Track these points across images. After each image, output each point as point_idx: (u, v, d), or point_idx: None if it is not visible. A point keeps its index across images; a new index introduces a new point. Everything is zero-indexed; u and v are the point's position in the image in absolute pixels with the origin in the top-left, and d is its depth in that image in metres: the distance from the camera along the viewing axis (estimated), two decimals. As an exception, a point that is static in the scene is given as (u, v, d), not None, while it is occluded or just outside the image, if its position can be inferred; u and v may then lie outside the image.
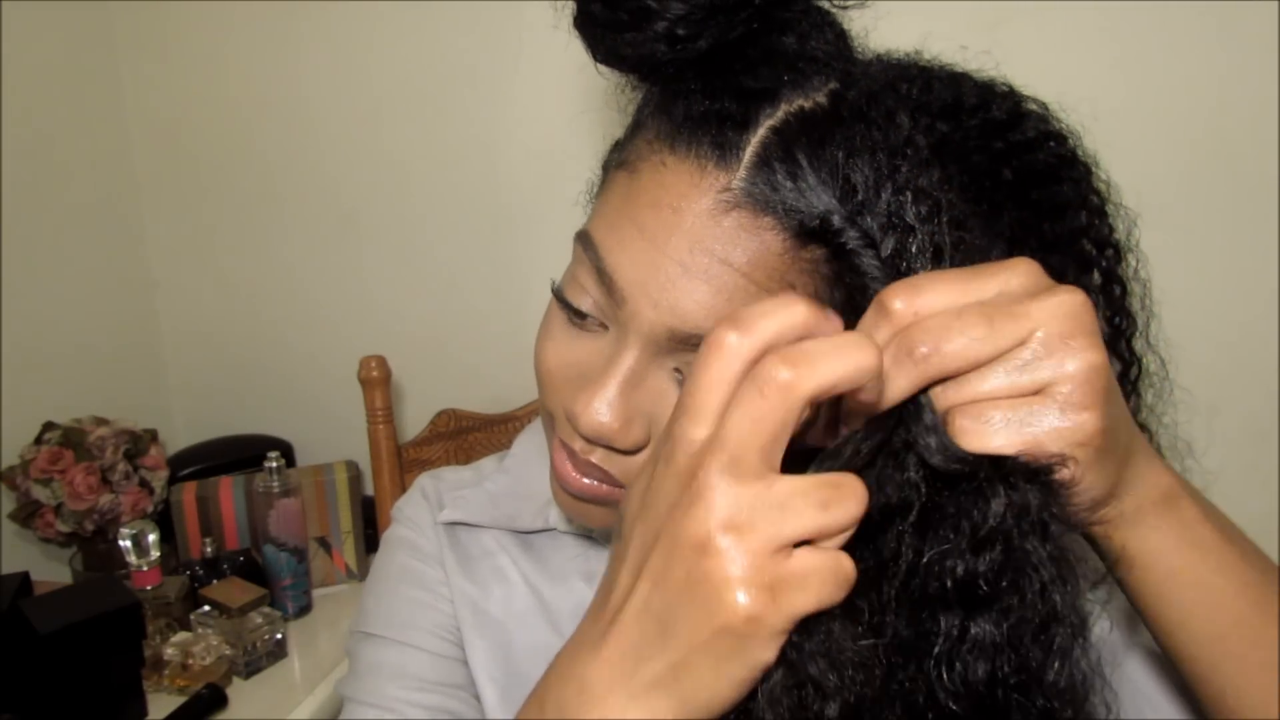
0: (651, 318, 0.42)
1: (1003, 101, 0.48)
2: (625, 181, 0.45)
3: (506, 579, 0.63)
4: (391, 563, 0.66)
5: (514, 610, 0.62)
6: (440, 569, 0.64)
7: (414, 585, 0.63)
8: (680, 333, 0.42)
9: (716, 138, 0.41)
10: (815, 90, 0.42)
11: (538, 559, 0.63)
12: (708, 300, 0.41)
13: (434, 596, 0.63)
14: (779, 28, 0.41)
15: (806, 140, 0.40)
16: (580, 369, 0.46)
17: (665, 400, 0.45)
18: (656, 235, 0.42)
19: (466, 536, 0.65)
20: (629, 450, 0.46)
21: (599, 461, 0.46)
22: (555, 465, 0.49)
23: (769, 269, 0.41)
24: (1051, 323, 0.34)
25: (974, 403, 0.34)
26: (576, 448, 0.47)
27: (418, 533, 0.66)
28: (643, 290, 0.42)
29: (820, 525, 0.30)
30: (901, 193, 0.40)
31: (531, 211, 1.26)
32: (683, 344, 0.43)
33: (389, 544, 0.67)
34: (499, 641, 0.61)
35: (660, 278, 0.42)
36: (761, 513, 0.30)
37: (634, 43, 0.40)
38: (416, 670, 0.60)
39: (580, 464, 0.47)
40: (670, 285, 0.42)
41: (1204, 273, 1.02)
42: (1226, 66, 0.98)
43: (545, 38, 1.09)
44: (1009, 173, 0.46)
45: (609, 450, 0.46)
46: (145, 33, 1.39)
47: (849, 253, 0.39)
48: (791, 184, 0.40)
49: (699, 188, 0.41)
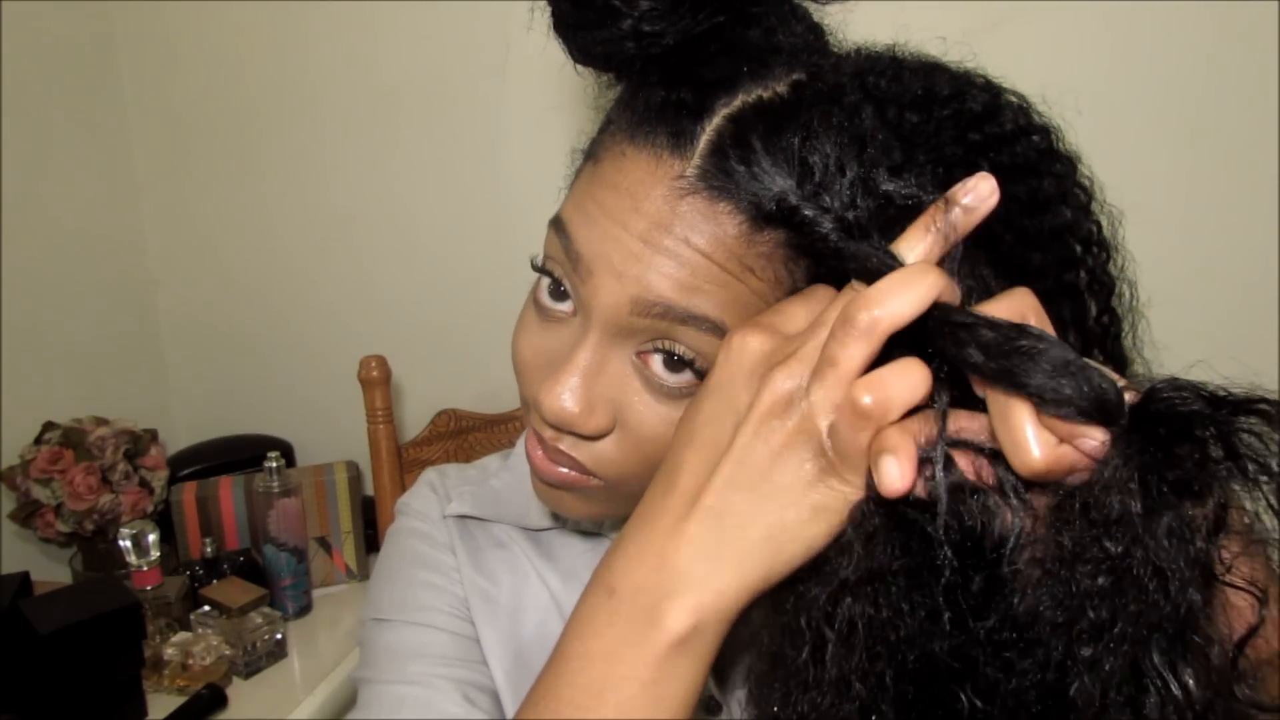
0: (615, 289, 0.43)
1: (979, 93, 0.47)
2: (589, 170, 0.46)
3: (517, 569, 0.63)
4: (402, 550, 0.65)
5: (524, 602, 0.62)
6: (452, 555, 0.64)
7: (427, 569, 0.63)
8: (644, 301, 0.43)
9: (672, 126, 0.42)
10: (776, 81, 0.42)
11: (547, 554, 0.63)
12: (672, 272, 0.42)
13: (447, 579, 0.63)
14: (745, 21, 0.42)
15: (763, 127, 0.41)
16: (549, 358, 0.47)
17: (628, 385, 0.45)
18: (617, 214, 0.43)
19: (476, 529, 0.65)
20: (592, 436, 0.46)
21: (567, 449, 0.47)
22: (529, 453, 0.50)
23: (728, 251, 0.42)
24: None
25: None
26: (546, 436, 0.48)
27: (427, 524, 0.65)
28: (606, 263, 0.43)
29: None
30: (862, 177, 0.41)
31: (532, 211, 1.26)
32: (644, 316, 0.43)
33: (396, 535, 0.67)
34: (509, 633, 0.61)
35: (622, 251, 0.43)
36: (828, 364, 0.35)
37: (603, 40, 0.41)
38: (437, 649, 0.60)
39: (550, 451, 0.48)
40: (633, 259, 0.42)
41: (1200, 274, 1.02)
42: (1226, 65, 0.98)
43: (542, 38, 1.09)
44: (986, 165, 0.45)
45: (575, 438, 0.47)
46: (145, 33, 1.39)
47: (807, 228, 0.40)
48: (745, 169, 0.41)
49: (654, 175, 0.42)
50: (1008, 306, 0.35)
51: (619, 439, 0.46)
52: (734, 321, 0.43)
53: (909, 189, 0.42)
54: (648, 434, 0.46)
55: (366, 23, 1.28)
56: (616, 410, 0.46)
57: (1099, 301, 0.51)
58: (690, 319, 0.42)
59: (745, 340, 0.39)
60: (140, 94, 1.42)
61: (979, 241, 0.44)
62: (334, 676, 1.08)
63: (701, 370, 0.44)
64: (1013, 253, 0.47)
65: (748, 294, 0.43)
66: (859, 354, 0.35)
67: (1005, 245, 0.46)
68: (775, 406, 0.37)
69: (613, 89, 0.49)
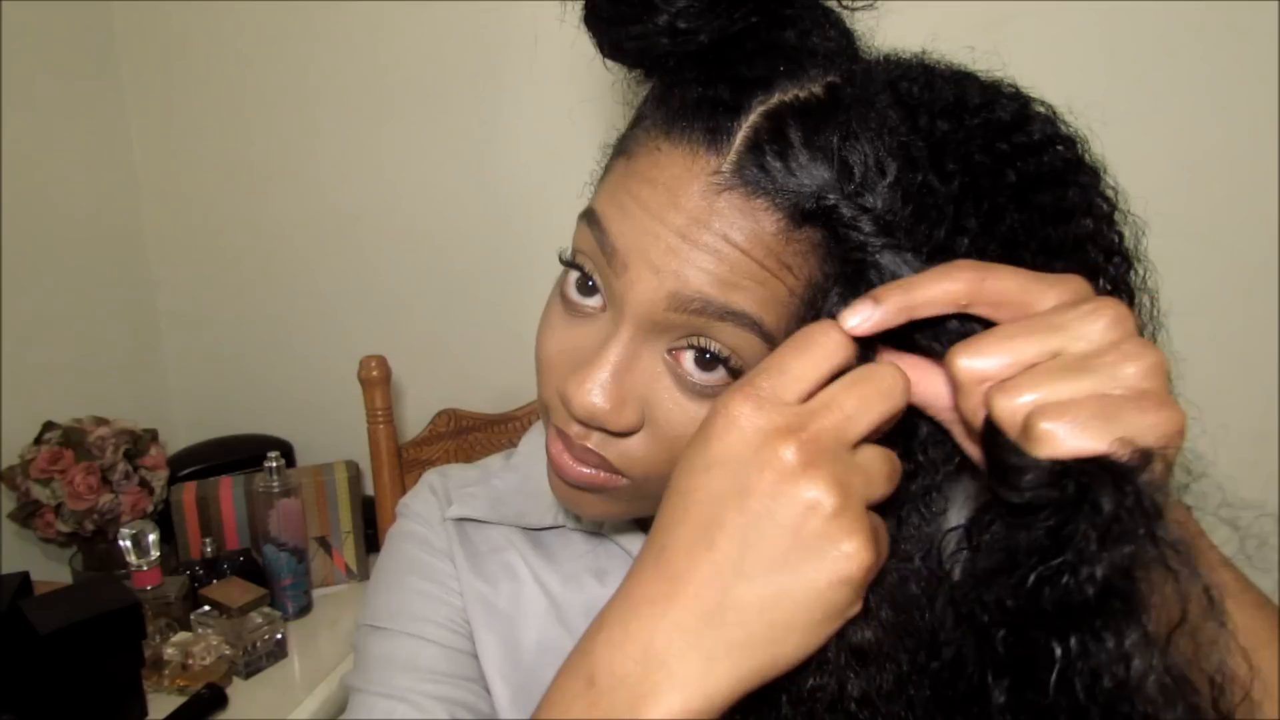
0: (652, 284, 0.43)
1: (1009, 103, 0.48)
2: (623, 165, 0.46)
3: (516, 575, 0.62)
4: (400, 556, 0.65)
5: (523, 607, 0.61)
6: (450, 563, 0.63)
7: (423, 578, 0.63)
8: (681, 297, 0.42)
9: (708, 123, 0.42)
10: (812, 82, 0.42)
11: (547, 556, 0.63)
12: (710, 267, 0.42)
13: (444, 590, 0.62)
14: (780, 23, 0.42)
15: (800, 125, 0.41)
16: (576, 354, 0.47)
17: (658, 383, 0.45)
18: (654, 209, 0.43)
19: (475, 533, 0.64)
20: (622, 432, 0.46)
21: (595, 446, 0.47)
22: (551, 454, 0.49)
23: (766, 248, 0.42)
24: (1098, 330, 0.34)
25: (1053, 404, 0.33)
26: (572, 433, 0.47)
27: (427, 528, 0.65)
28: (643, 257, 0.43)
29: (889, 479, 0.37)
30: (898, 183, 0.41)
31: (532, 211, 1.26)
32: (681, 311, 0.43)
33: (396, 538, 0.66)
34: (508, 638, 0.61)
35: (660, 245, 0.42)
36: (854, 473, 0.35)
37: (637, 35, 0.41)
38: (428, 662, 0.59)
39: (576, 450, 0.47)
40: (670, 253, 0.42)
41: (1204, 269, 1.02)
42: (1230, 70, 0.98)
43: (547, 37, 1.09)
44: (1012, 174, 0.46)
45: (604, 434, 0.46)
46: (145, 34, 1.39)
47: (847, 227, 0.40)
48: (782, 165, 0.41)
49: (690, 171, 0.42)
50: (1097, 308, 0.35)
51: (647, 437, 0.46)
52: (771, 319, 0.43)
53: (940, 197, 0.42)
54: (677, 432, 0.45)
55: (366, 24, 1.28)
56: (645, 408, 0.46)
57: None
58: (729, 315, 0.42)
59: (745, 412, 0.36)
60: (140, 94, 1.42)
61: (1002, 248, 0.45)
62: (334, 676, 1.08)
63: (736, 368, 0.44)
64: (1035, 261, 0.47)
65: (784, 292, 0.43)
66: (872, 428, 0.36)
67: (1028, 254, 0.46)
68: (783, 484, 0.34)
69: (642, 85, 0.48)
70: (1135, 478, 0.31)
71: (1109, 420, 0.32)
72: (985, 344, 0.35)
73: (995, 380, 0.34)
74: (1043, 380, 0.33)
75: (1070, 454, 0.32)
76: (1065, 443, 0.32)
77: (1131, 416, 0.32)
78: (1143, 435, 0.32)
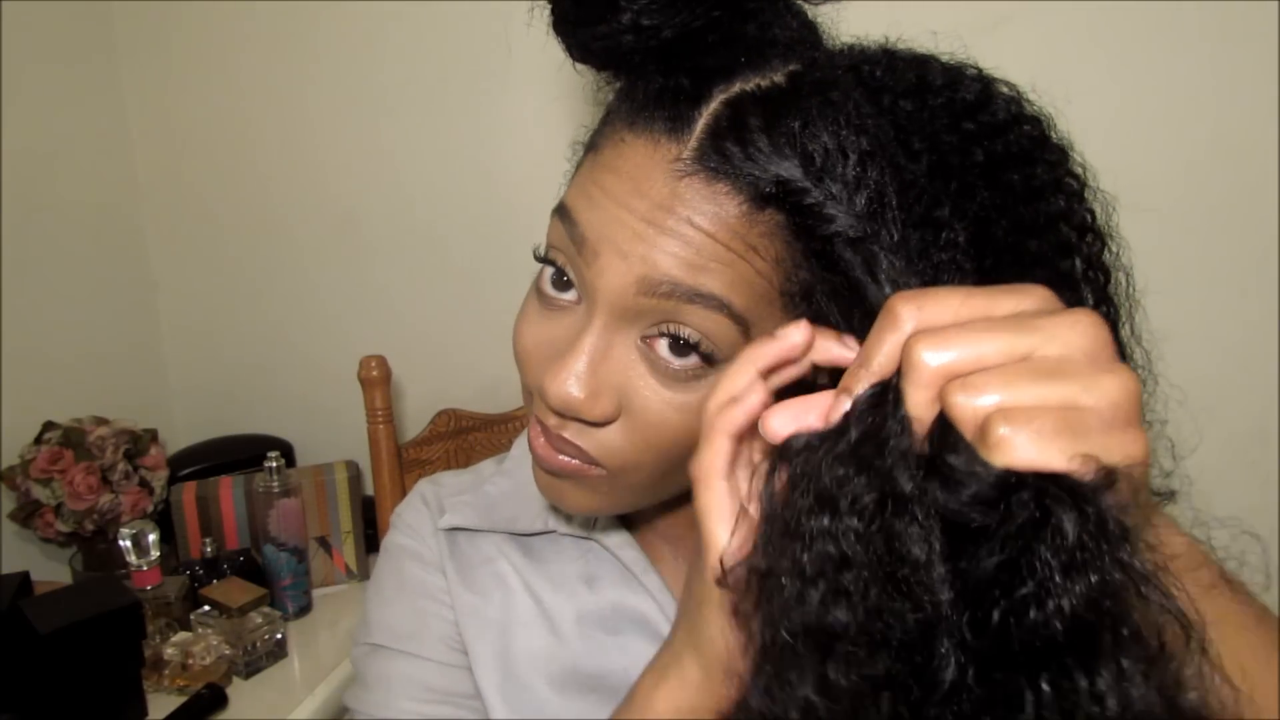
0: (621, 269, 0.43)
1: (972, 83, 0.48)
2: (590, 159, 0.47)
3: (506, 585, 0.62)
4: (394, 572, 0.66)
5: (514, 615, 0.62)
6: (442, 576, 0.64)
7: (418, 594, 0.64)
8: (650, 281, 0.43)
9: (670, 112, 0.43)
10: (773, 71, 0.43)
11: (537, 563, 0.63)
12: (676, 251, 0.43)
13: (438, 605, 0.63)
14: (742, 16, 0.43)
15: (760, 112, 0.41)
16: (553, 346, 0.48)
17: (633, 370, 0.46)
18: (619, 197, 0.44)
19: (466, 544, 0.64)
20: (597, 422, 0.46)
21: (571, 437, 0.47)
22: (531, 442, 0.50)
23: (730, 230, 0.42)
24: (1073, 339, 0.31)
25: (1017, 409, 0.30)
26: (550, 424, 0.48)
27: (418, 540, 0.66)
28: (611, 244, 0.44)
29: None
30: (863, 162, 0.41)
31: (532, 211, 1.26)
32: (650, 295, 0.43)
33: (390, 553, 0.67)
34: (499, 648, 0.61)
35: (627, 232, 0.43)
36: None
37: (602, 35, 0.42)
38: (426, 681, 0.60)
39: (554, 439, 0.48)
40: (637, 239, 0.43)
41: (1204, 269, 1.02)
42: (1226, 65, 0.98)
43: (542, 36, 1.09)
44: (980, 153, 0.46)
45: (580, 424, 0.47)
46: (145, 33, 1.39)
47: (810, 211, 0.40)
48: (741, 151, 0.41)
49: (653, 159, 0.43)
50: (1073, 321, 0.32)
51: (624, 426, 0.47)
52: (740, 300, 0.43)
53: (908, 175, 0.42)
54: (653, 419, 0.46)
55: (366, 24, 1.28)
56: (621, 397, 0.46)
57: (1095, 290, 0.51)
58: (697, 297, 0.43)
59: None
60: (140, 94, 1.42)
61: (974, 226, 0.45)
62: (334, 677, 1.08)
63: (708, 353, 0.44)
64: (1008, 240, 0.47)
65: (752, 273, 0.43)
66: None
67: (1001, 232, 0.46)
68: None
69: (613, 86, 0.49)
70: (1098, 499, 0.29)
71: (1074, 434, 0.29)
72: (952, 336, 0.31)
73: (956, 375, 0.31)
74: (1010, 381, 0.30)
75: (1026, 465, 0.29)
76: (1023, 452, 0.29)
77: (1098, 433, 0.30)
78: (1109, 453, 0.29)
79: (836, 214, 0.40)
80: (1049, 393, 0.30)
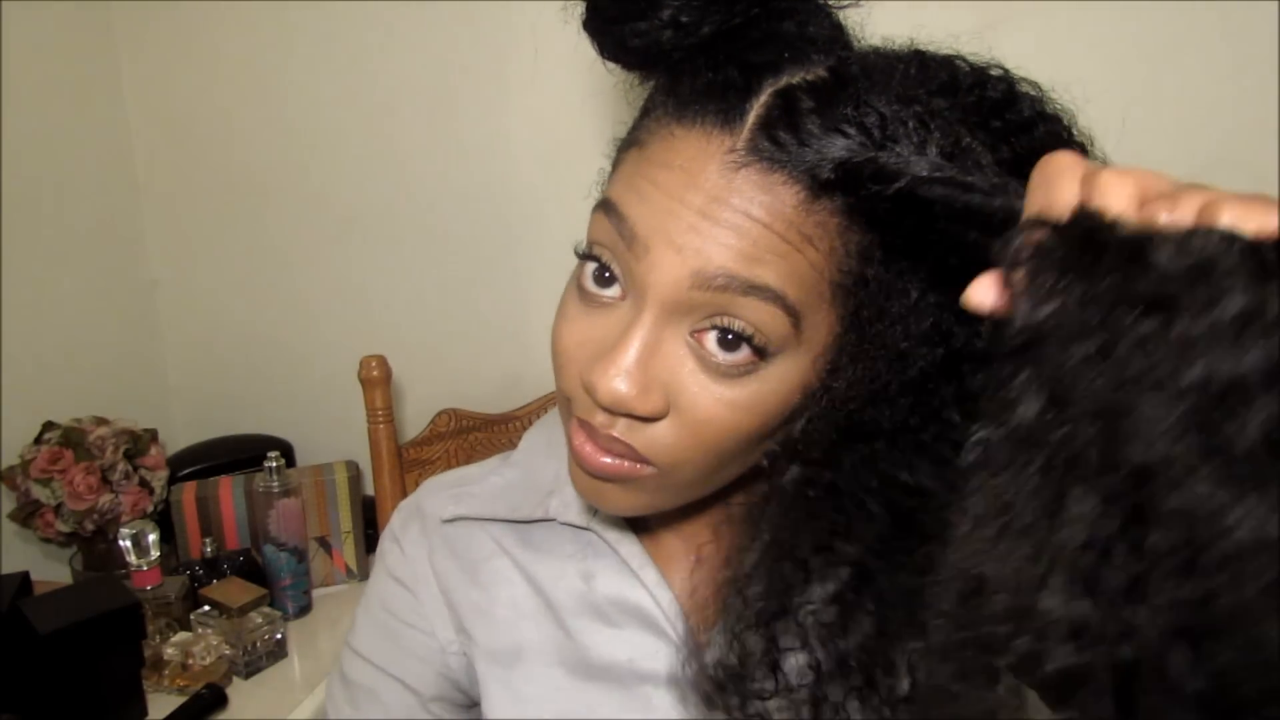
0: (675, 263, 0.43)
1: (998, 82, 0.49)
2: (636, 154, 0.47)
3: (510, 580, 0.63)
4: (375, 584, 0.68)
5: (518, 609, 0.62)
6: (425, 591, 0.65)
7: (390, 614, 0.66)
8: (704, 274, 0.43)
9: (720, 104, 0.43)
10: (816, 66, 0.43)
11: (535, 553, 0.63)
12: (732, 242, 0.42)
13: (408, 628, 0.65)
14: (778, 15, 0.43)
15: (812, 101, 0.42)
16: (596, 345, 0.47)
17: (682, 367, 0.45)
18: (672, 190, 0.44)
19: (464, 542, 0.64)
20: (648, 417, 0.46)
21: (620, 434, 0.46)
22: (574, 447, 0.49)
23: (786, 221, 0.42)
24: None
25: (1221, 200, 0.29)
26: (597, 422, 0.47)
27: (399, 555, 0.67)
28: (664, 237, 0.43)
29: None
30: (924, 123, 0.41)
31: (532, 211, 1.26)
32: (704, 289, 0.43)
33: (379, 559, 0.69)
34: (506, 641, 0.61)
35: (681, 224, 0.43)
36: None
37: (641, 32, 0.42)
38: (389, 700, 0.65)
39: (601, 440, 0.47)
40: (691, 231, 0.43)
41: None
42: (1226, 66, 0.98)
43: (548, 38, 1.09)
44: (1007, 150, 0.47)
45: (630, 421, 0.46)
46: (145, 33, 1.39)
47: (881, 174, 0.39)
48: (796, 138, 0.41)
49: (706, 152, 0.43)
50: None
51: (673, 423, 0.46)
52: (794, 292, 0.43)
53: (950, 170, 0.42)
54: (703, 415, 0.45)
55: (368, 23, 1.28)
56: (670, 393, 0.46)
57: None
58: (752, 289, 0.43)
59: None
60: (141, 94, 1.42)
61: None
62: (334, 676, 1.08)
63: (760, 346, 0.44)
64: None
65: (806, 266, 0.43)
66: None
67: None
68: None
69: (644, 85, 0.49)
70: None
71: (1247, 207, 0.28)
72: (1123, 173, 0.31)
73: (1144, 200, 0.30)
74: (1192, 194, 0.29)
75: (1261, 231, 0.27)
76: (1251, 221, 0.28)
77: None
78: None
79: (909, 165, 0.39)
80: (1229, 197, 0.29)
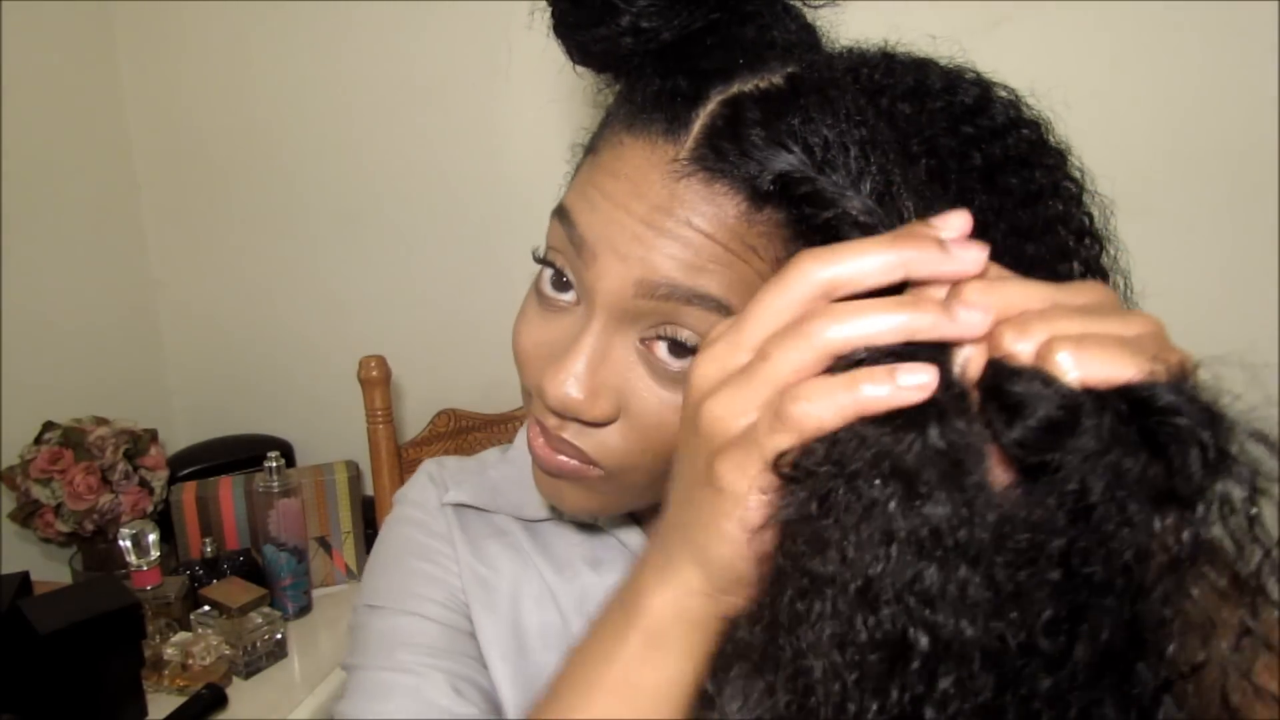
0: (620, 271, 0.43)
1: (970, 87, 0.48)
2: (589, 162, 0.47)
3: (516, 557, 0.63)
4: (398, 538, 0.65)
5: (524, 589, 0.62)
6: (449, 545, 0.63)
7: (421, 558, 0.63)
8: (648, 283, 0.43)
9: (667, 113, 0.43)
10: (771, 73, 0.43)
11: (543, 546, 0.63)
12: (675, 252, 0.42)
13: (442, 570, 0.62)
14: (740, 19, 0.43)
15: (759, 112, 0.41)
16: (552, 347, 0.48)
17: (632, 372, 0.46)
18: (618, 199, 0.44)
19: (475, 517, 0.65)
20: (596, 422, 0.46)
21: (570, 437, 0.47)
22: (530, 443, 0.50)
23: (729, 231, 0.42)
24: (1093, 292, 0.32)
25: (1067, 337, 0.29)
26: (549, 425, 0.48)
27: (424, 513, 0.65)
28: (610, 245, 0.44)
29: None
30: (865, 153, 0.41)
31: (531, 212, 1.26)
32: (649, 298, 0.43)
33: (393, 523, 0.66)
34: (509, 620, 0.61)
35: (625, 234, 0.43)
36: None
37: (601, 38, 0.42)
38: (427, 640, 0.59)
39: (553, 440, 0.48)
40: (635, 240, 0.43)
41: (1203, 273, 1.02)
42: (1226, 66, 0.98)
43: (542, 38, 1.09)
44: (978, 157, 0.46)
45: (579, 425, 0.47)
46: (145, 33, 1.39)
47: (813, 199, 0.39)
48: (738, 149, 0.41)
49: (650, 161, 0.43)
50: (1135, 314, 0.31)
51: (623, 427, 0.47)
52: (739, 302, 0.43)
53: (911, 177, 0.42)
54: (651, 421, 0.46)
55: (367, 24, 1.28)
56: (620, 398, 0.46)
57: None
58: (696, 298, 0.43)
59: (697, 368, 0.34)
60: (140, 94, 1.42)
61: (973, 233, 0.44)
62: (334, 676, 1.08)
63: None
64: (1006, 244, 0.47)
65: (751, 274, 0.43)
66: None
67: (999, 235, 0.46)
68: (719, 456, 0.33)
69: (612, 89, 0.49)
70: (1188, 389, 0.27)
71: (1134, 351, 0.28)
72: (987, 288, 0.31)
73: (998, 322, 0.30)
74: (1052, 319, 0.29)
75: (1098, 379, 0.28)
76: (1090, 367, 0.28)
77: (1152, 352, 0.29)
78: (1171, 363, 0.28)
79: (842, 198, 0.39)
80: (1093, 326, 0.29)
